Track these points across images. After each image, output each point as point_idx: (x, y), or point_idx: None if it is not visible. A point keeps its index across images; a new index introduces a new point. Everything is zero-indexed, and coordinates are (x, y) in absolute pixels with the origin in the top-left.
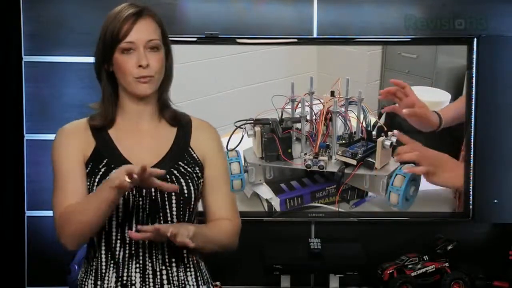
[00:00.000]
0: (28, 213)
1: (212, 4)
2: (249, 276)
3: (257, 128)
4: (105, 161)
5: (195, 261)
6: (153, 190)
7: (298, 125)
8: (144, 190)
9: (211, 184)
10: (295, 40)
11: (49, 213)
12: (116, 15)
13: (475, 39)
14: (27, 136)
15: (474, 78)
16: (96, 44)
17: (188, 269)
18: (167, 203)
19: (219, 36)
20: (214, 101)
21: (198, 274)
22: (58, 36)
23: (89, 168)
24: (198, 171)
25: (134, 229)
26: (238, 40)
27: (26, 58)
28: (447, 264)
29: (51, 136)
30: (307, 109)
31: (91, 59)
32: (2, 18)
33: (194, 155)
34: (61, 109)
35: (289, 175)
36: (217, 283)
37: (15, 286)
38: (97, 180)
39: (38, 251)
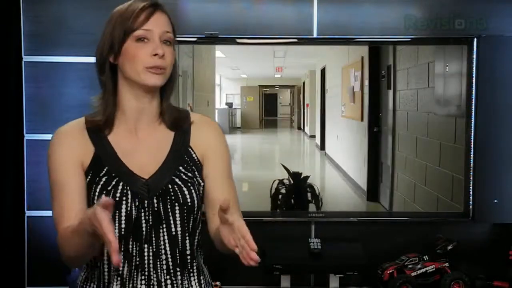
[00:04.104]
0: (28, 213)
1: (212, 4)
2: (249, 276)
3: None
4: (105, 170)
5: (199, 265)
6: (155, 201)
7: None
8: (146, 202)
9: (214, 179)
10: (295, 40)
11: (49, 213)
12: (129, 6)
13: (475, 39)
14: (27, 136)
15: (474, 78)
16: (100, 38)
17: (191, 275)
18: (170, 214)
19: (219, 36)
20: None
21: (201, 277)
22: (58, 36)
23: (89, 177)
24: (197, 175)
25: (130, 242)
26: (238, 40)
27: (26, 58)
28: (447, 264)
29: (51, 136)
30: None
31: (91, 59)
32: (2, 18)
33: (194, 155)
34: (61, 109)
35: None
36: (217, 283)
37: (15, 286)
38: (98, 190)
39: (38, 251)
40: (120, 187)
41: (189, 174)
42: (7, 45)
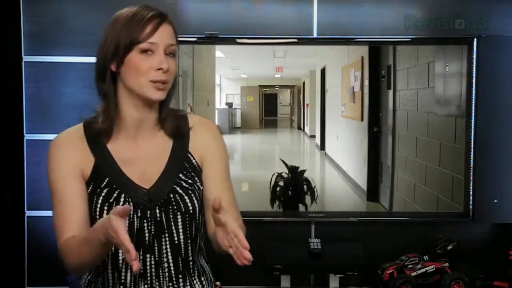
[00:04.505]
0: (28, 213)
1: (212, 4)
2: (249, 276)
3: None
4: (106, 181)
5: (200, 267)
6: (157, 211)
7: None
8: (148, 212)
9: (212, 180)
10: (295, 40)
11: (49, 213)
12: (135, 13)
13: (475, 39)
14: (27, 136)
15: (474, 78)
16: (102, 43)
17: (193, 278)
18: (172, 223)
19: (219, 36)
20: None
21: (203, 278)
22: (58, 36)
23: (90, 188)
24: (197, 180)
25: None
26: (238, 40)
27: (26, 58)
28: (447, 264)
29: (51, 136)
30: None
31: (91, 59)
32: (2, 18)
33: (194, 161)
34: (61, 109)
35: None
36: (217, 283)
37: (15, 286)
38: (99, 202)
39: (38, 251)
40: (122, 199)
41: (189, 181)
42: (7, 45)
